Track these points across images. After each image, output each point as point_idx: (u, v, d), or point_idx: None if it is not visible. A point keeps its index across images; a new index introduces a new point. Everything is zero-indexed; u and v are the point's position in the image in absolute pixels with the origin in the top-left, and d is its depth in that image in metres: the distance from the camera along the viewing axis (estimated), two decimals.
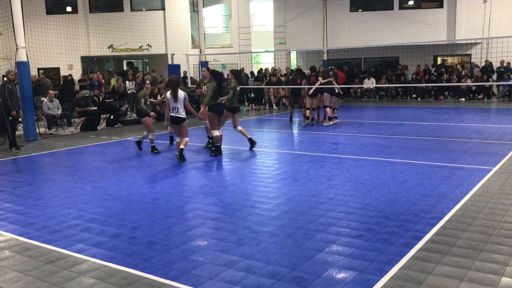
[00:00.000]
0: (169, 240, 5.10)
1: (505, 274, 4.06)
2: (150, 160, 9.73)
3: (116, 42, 24.47)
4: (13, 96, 11.49)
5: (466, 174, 7.61)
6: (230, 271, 4.26)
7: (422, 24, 23.37)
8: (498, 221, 5.37)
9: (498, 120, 14.56)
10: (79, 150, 11.32)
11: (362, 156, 9.32)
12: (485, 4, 22.33)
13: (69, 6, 24.50)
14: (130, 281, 4.14)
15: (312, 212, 5.90)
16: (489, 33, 21.74)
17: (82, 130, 14.92)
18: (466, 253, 4.52)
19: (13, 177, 8.58)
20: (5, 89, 11.31)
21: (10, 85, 11.48)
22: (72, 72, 22.95)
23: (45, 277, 4.29)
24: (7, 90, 11.31)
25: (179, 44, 23.99)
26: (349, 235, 5.07)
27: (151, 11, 24.96)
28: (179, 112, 9.25)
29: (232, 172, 8.55)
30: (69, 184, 7.89)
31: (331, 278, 4.09)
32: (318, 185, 7.28)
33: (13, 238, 5.35)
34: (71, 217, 6.04)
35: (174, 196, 6.88)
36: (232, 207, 6.26)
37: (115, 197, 6.92)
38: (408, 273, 4.13)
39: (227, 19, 27.91)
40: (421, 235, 5.00)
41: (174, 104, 9.21)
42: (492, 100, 20.93)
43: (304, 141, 11.64)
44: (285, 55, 26.96)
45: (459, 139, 10.93)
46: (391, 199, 6.37)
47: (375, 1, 25.69)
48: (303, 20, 26.00)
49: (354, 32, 24.66)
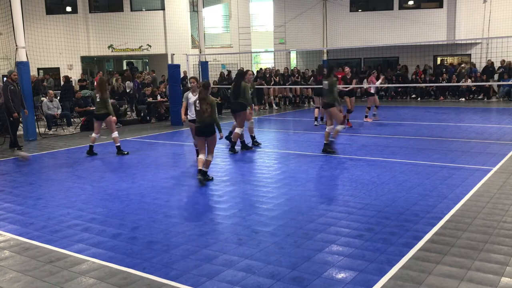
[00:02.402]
0: (169, 240, 5.10)
1: (505, 274, 4.06)
2: (150, 160, 9.73)
3: (116, 42, 24.47)
4: (15, 96, 11.40)
5: (466, 174, 7.61)
6: (230, 271, 4.26)
7: (422, 24, 23.37)
8: (498, 221, 5.37)
9: (498, 120, 14.56)
10: (79, 150, 11.31)
11: (362, 156, 9.32)
12: (485, 4, 22.33)
13: (69, 6, 24.49)
14: (130, 281, 4.14)
15: (312, 212, 5.90)
16: (489, 33, 21.74)
17: (82, 130, 14.92)
18: (466, 253, 4.52)
19: (13, 177, 8.58)
20: (7, 90, 11.23)
21: (12, 85, 11.38)
22: (72, 72, 22.97)
23: (45, 277, 4.29)
24: (9, 91, 11.23)
25: (179, 44, 23.97)
26: (349, 235, 5.07)
27: (151, 11, 24.95)
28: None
29: (232, 172, 8.55)
30: (69, 184, 7.89)
31: (331, 278, 4.09)
32: (318, 185, 7.28)
33: (13, 238, 5.35)
34: (71, 217, 6.04)
35: (174, 196, 6.88)
36: (232, 207, 6.26)
37: (115, 197, 6.92)
38: (408, 273, 4.13)
39: (227, 19, 27.90)
40: (421, 235, 5.00)
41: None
42: (492, 100, 20.93)
43: (304, 141, 11.63)
44: (285, 55, 26.97)
45: (459, 139, 10.93)
46: (391, 199, 6.37)
47: (375, 1, 25.69)
48: (303, 20, 26.00)
49: (354, 32, 24.66)
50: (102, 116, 10.42)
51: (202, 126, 7.44)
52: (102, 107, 10.32)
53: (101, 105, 10.31)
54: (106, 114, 10.37)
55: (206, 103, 7.33)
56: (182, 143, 12.15)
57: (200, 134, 7.51)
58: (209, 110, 7.32)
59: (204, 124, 7.42)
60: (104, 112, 10.34)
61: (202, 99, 7.40)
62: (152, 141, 12.27)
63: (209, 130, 7.44)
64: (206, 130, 7.43)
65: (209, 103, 7.34)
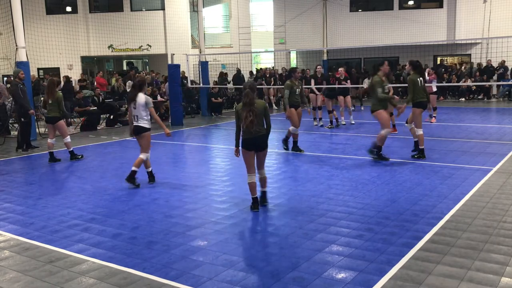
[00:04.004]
0: (169, 240, 5.10)
1: (505, 274, 4.06)
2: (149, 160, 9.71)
3: (116, 42, 24.47)
4: (25, 96, 11.08)
5: (466, 174, 7.60)
6: (230, 271, 4.26)
7: (422, 24, 23.37)
8: (498, 221, 5.37)
9: (498, 120, 14.56)
10: (79, 150, 11.30)
11: (362, 156, 9.32)
12: (485, 4, 22.33)
13: (69, 6, 24.50)
14: (130, 281, 4.14)
15: (312, 212, 5.90)
16: (489, 33, 21.75)
17: (82, 130, 14.92)
18: (466, 253, 4.52)
19: (13, 177, 8.58)
20: (18, 89, 10.90)
21: (21, 84, 11.09)
22: (72, 72, 22.96)
23: (45, 277, 4.29)
24: (20, 90, 10.91)
25: (179, 44, 23.97)
26: (349, 235, 5.07)
27: (151, 11, 24.95)
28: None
29: (232, 172, 8.55)
30: (69, 184, 7.89)
31: (331, 278, 4.09)
32: (318, 185, 7.28)
33: (13, 238, 5.35)
34: (71, 217, 6.04)
35: (174, 196, 6.88)
36: (232, 207, 6.25)
37: (115, 197, 6.92)
38: (408, 273, 4.13)
39: (227, 19, 27.90)
40: (421, 235, 5.00)
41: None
42: (492, 100, 20.92)
43: (304, 141, 11.63)
44: (285, 55, 26.97)
45: (459, 139, 10.93)
46: (391, 199, 6.37)
47: (375, 1, 25.70)
48: (303, 20, 26.00)
49: (354, 32, 24.66)
50: (51, 119, 9.74)
51: (253, 138, 5.85)
52: (52, 110, 9.70)
53: (51, 108, 9.68)
54: (55, 118, 9.71)
55: (253, 109, 5.75)
56: (183, 143, 12.16)
57: (251, 148, 5.93)
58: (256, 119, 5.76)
59: (256, 135, 5.83)
60: (53, 115, 9.70)
61: (249, 104, 5.76)
62: (152, 141, 12.23)
63: (263, 141, 5.91)
64: (258, 142, 5.87)
65: (257, 109, 5.79)
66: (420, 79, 8.95)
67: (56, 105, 9.67)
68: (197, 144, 11.57)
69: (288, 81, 9.71)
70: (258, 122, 5.79)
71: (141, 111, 7.42)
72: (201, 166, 9.15)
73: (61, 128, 9.84)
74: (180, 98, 16.40)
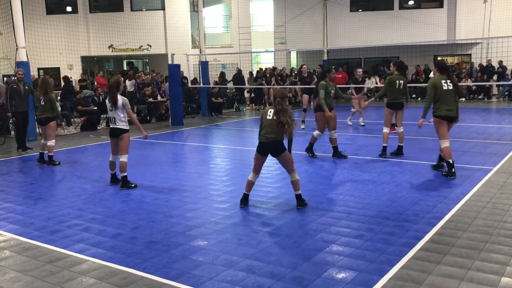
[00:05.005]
0: (169, 240, 5.10)
1: (505, 274, 4.06)
2: (150, 160, 9.73)
3: (116, 42, 24.46)
4: (17, 96, 10.91)
5: (466, 174, 7.60)
6: (230, 271, 4.26)
7: (422, 24, 23.37)
8: (498, 221, 5.37)
9: (498, 120, 14.56)
10: (79, 150, 11.31)
11: (362, 156, 9.32)
12: (485, 4, 22.34)
13: (69, 6, 24.49)
14: (130, 281, 4.14)
15: (312, 212, 5.90)
16: (489, 33, 21.75)
17: (82, 130, 14.93)
18: (466, 253, 4.51)
19: (13, 177, 8.58)
20: (8, 89, 10.82)
21: (15, 84, 10.94)
22: (72, 72, 22.96)
23: (45, 277, 4.28)
24: (10, 90, 10.81)
25: (179, 44, 23.96)
26: (349, 235, 5.07)
27: (151, 11, 24.94)
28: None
29: (232, 172, 8.55)
30: (69, 184, 7.89)
31: (331, 278, 4.09)
32: (318, 185, 7.28)
33: (13, 238, 5.35)
34: (71, 217, 6.04)
35: (174, 196, 6.88)
36: (232, 207, 6.25)
37: (115, 197, 6.92)
38: (408, 273, 4.13)
39: (227, 19, 27.88)
40: (421, 235, 5.00)
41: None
42: (492, 100, 20.92)
43: (303, 141, 11.62)
44: (285, 55, 26.96)
45: (459, 139, 10.92)
46: (391, 199, 6.37)
47: (375, 1, 25.70)
48: (303, 20, 26.00)
49: (354, 32, 24.66)
50: (43, 120, 9.51)
51: (268, 143, 5.98)
52: (44, 110, 9.44)
53: (44, 109, 9.45)
54: (48, 119, 9.46)
55: (287, 115, 5.90)
56: (183, 143, 12.15)
57: (264, 153, 6.10)
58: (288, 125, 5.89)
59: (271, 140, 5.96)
60: (45, 116, 9.44)
61: (282, 110, 5.91)
62: (152, 141, 12.26)
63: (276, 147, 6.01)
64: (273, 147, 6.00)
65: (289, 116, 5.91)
66: (400, 81, 9.12)
67: (49, 106, 9.46)
68: (197, 144, 11.57)
69: (323, 81, 9.24)
70: (279, 130, 5.89)
71: (118, 113, 7.32)
72: (201, 166, 9.14)
73: (51, 129, 9.50)
74: (181, 98, 16.40)
